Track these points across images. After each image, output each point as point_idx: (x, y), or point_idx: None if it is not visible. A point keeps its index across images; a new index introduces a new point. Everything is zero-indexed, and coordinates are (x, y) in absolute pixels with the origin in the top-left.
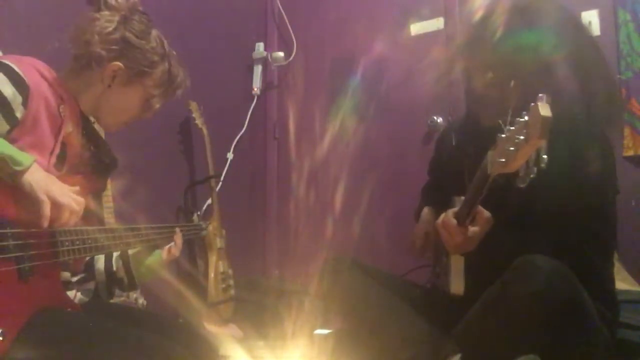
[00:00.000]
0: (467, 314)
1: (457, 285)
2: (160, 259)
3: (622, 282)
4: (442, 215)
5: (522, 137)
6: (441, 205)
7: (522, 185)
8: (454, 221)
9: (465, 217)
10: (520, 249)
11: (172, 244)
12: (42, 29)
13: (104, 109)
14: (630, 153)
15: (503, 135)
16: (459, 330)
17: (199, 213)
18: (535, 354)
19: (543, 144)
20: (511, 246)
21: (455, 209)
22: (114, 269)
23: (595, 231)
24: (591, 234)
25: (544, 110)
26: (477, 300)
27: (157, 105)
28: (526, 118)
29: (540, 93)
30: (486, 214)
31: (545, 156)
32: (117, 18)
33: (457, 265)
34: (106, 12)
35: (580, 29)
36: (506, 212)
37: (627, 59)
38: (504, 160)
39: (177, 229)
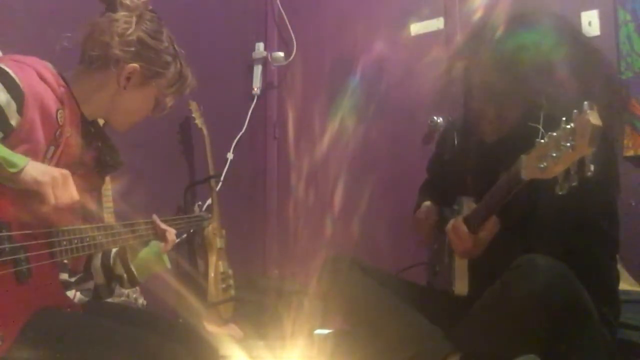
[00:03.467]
0: (467, 313)
1: (461, 285)
2: (158, 249)
3: (622, 282)
4: (452, 221)
5: (568, 144)
6: (442, 204)
7: (560, 193)
8: (465, 228)
9: (478, 225)
10: (523, 248)
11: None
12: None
13: (118, 110)
14: (631, 153)
15: (542, 141)
16: (459, 330)
17: (199, 203)
18: (535, 354)
19: (590, 152)
20: (515, 247)
21: (466, 215)
22: (111, 265)
23: (601, 230)
24: (597, 233)
25: (594, 118)
26: (477, 300)
27: (170, 103)
28: (571, 125)
29: (540, 94)
30: (493, 218)
31: (592, 165)
32: (134, 19)
33: (461, 265)
34: (124, 13)
35: (578, 31)
36: (511, 213)
37: (627, 59)
38: (544, 165)
39: (170, 228)
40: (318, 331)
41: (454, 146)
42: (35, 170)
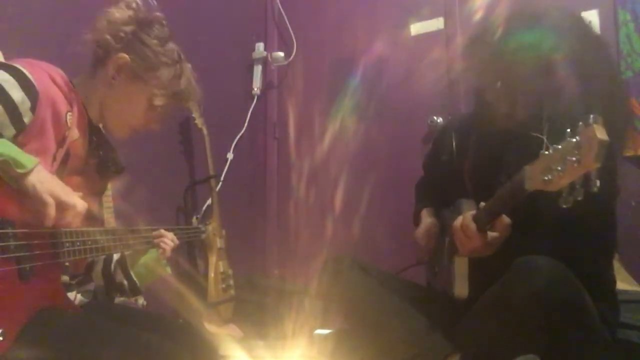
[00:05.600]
0: (467, 314)
1: (461, 288)
2: (157, 255)
3: (622, 282)
4: (460, 218)
5: (573, 159)
6: (441, 205)
7: (564, 206)
8: (474, 225)
9: (485, 224)
10: (523, 251)
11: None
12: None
13: (109, 108)
14: (631, 153)
15: (546, 152)
16: (459, 330)
17: (198, 216)
18: (535, 354)
19: (596, 167)
20: (514, 249)
21: (474, 212)
22: (112, 273)
23: (599, 232)
24: (594, 235)
25: (600, 133)
26: (477, 300)
27: (160, 104)
28: (577, 138)
29: (541, 93)
30: (506, 220)
31: (598, 180)
32: (130, 13)
33: (461, 268)
34: (121, 5)
35: (583, 27)
36: (511, 217)
37: (627, 59)
38: (548, 178)
39: (168, 234)
40: (318, 331)
41: (452, 147)
42: (37, 177)
